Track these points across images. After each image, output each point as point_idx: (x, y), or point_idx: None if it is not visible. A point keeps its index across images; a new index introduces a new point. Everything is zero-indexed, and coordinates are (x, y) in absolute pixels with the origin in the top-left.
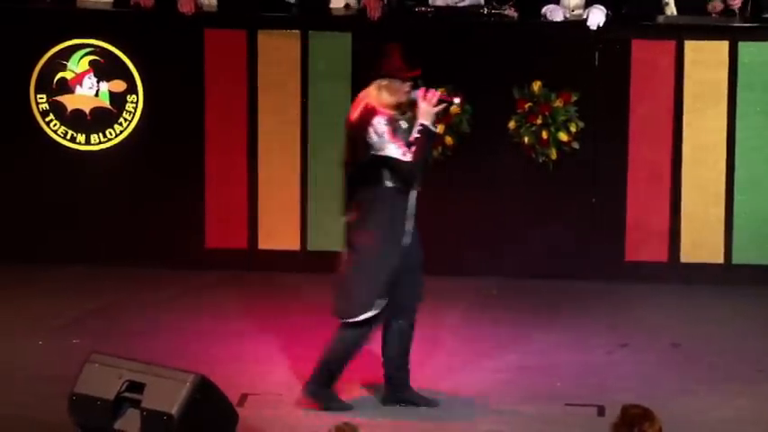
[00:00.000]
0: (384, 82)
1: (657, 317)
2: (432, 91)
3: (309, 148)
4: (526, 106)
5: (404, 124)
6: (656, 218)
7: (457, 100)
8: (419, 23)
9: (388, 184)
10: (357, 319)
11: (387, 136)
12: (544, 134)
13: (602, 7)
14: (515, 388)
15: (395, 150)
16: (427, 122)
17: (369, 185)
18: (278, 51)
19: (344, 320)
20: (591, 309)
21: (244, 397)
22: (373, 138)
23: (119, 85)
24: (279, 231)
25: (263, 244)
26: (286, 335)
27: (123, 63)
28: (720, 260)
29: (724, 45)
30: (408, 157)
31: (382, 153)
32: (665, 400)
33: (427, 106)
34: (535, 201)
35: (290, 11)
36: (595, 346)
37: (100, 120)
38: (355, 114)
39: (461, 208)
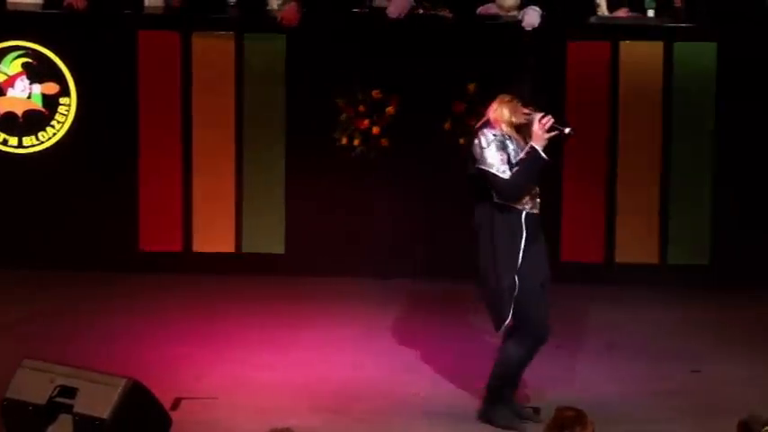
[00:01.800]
0: (507, 98)
1: (592, 318)
2: (548, 117)
3: (244, 151)
4: (462, 107)
5: (512, 144)
6: (592, 218)
7: (568, 129)
8: (355, 24)
9: (496, 199)
10: (498, 331)
11: (490, 150)
12: None
13: (537, 8)
14: (452, 389)
15: (494, 166)
16: (537, 146)
17: (479, 199)
18: (212, 53)
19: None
20: None
21: (177, 401)
22: (477, 149)
23: (51, 88)
24: (213, 234)
25: (198, 246)
26: (220, 338)
27: (56, 65)
28: (655, 261)
29: (659, 46)
30: (506, 175)
31: (483, 167)
32: (600, 401)
33: (540, 131)
34: (471, 202)
35: (225, 12)
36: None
37: (32, 122)
38: (477, 125)
39: (397, 209)
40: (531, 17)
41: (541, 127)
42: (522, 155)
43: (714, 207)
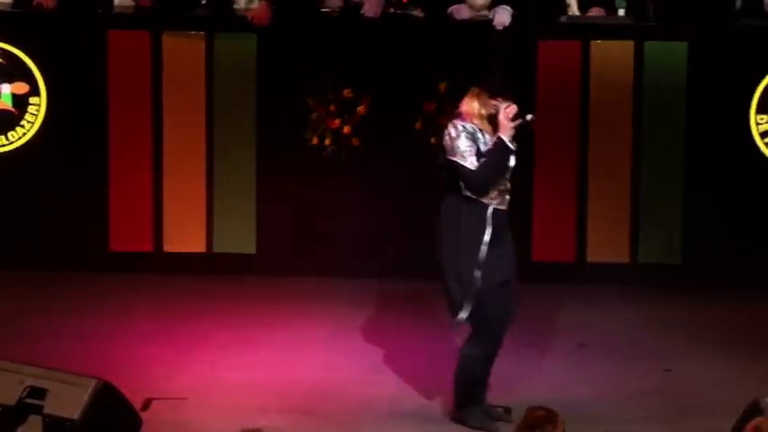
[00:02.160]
0: (476, 90)
1: (564, 317)
2: (511, 106)
3: (215, 151)
4: (433, 107)
5: (483, 137)
6: (563, 218)
7: (529, 117)
8: (326, 24)
9: (464, 191)
10: (456, 321)
11: (460, 141)
12: None
13: (507, 7)
14: (423, 389)
15: (462, 157)
16: (504, 136)
17: (448, 190)
18: (183, 53)
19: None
20: None
21: (148, 401)
22: (447, 140)
23: (21, 87)
24: (184, 234)
25: (169, 246)
26: (191, 338)
27: (25, 65)
28: (627, 260)
29: (629, 45)
30: (472, 165)
31: (452, 157)
32: (572, 400)
33: (505, 120)
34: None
35: (196, 11)
36: (502, 347)
37: (2, 122)
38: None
39: (369, 209)
40: (502, 16)
41: (506, 116)
42: (489, 146)
43: (685, 206)
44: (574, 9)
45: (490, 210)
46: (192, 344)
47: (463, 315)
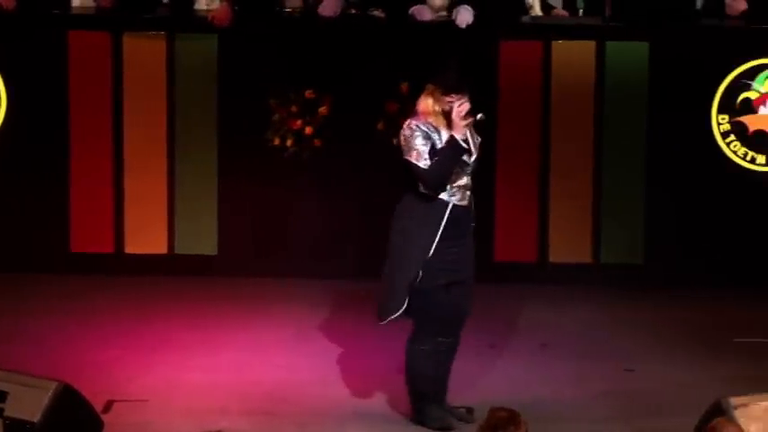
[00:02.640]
0: (431, 88)
1: (526, 317)
2: (464, 104)
3: (176, 151)
4: (395, 107)
5: (439, 135)
6: (525, 218)
7: (479, 115)
8: (288, 24)
9: (421, 189)
10: (382, 323)
11: (414, 140)
12: None
13: (468, 7)
14: (385, 389)
15: (416, 156)
16: (456, 134)
17: (407, 188)
18: (143, 53)
19: (379, 321)
20: None
21: (109, 403)
22: (402, 139)
23: None
24: (145, 235)
25: (130, 248)
26: (153, 340)
27: None
28: (589, 260)
29: (590, 45)
30: (425, 164)
31: (406, 156)
32: (534, 400)
33: (457, 118)
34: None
35: (155, 12)
36: (464, 348)
37: None
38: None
39: (330, 210)
40: (465, 15)
41: (457, 114)
42: (442, 144)
43: (647, 207)
44: (537, 10)
45: (449, 206)
46: (154, 345)
47: (394, 315)
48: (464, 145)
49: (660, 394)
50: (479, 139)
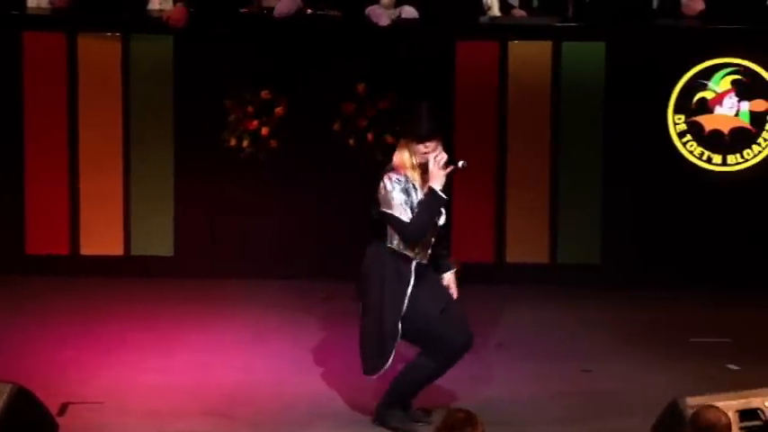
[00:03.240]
0: (405, 141)
1: (483, 318)
2: (441, 155)
3: (132, 153)
4: (351, 108)
5: (416, 191)
6: (482, 219)
7: (461, 163)
8: (244, 25)
9: (393, 243)
10: (372, 377)
11: (394, 194)
12: (369, 136)
13: (411, 8)
14: (344, 390)
15: (398, 209)
16: (435, 186)
17: (375, 241)
18: (98, 54)
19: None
20: None
21: (65, 406)
22: (381, 192)
23: None
24: (101, 236)
25: (86, 249)
26: (109, 341)
27: None
28: (546, 260)
29: (547, 46)
30: (407, 217)
31: (386, 209)
32: (491, 401)
33: (436, 169)
34: (361, 202)
35: (110, 12)
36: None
37: None
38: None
39: (287, 210)
40: (408, 12)
41: (436, 165)
42: (421, 197)
43: (604, 207)
44: (495, 11)
45: (413, 264)
46: (110, 347)
47: (384, 368)
48: (444, 196)
49: (617, 394)
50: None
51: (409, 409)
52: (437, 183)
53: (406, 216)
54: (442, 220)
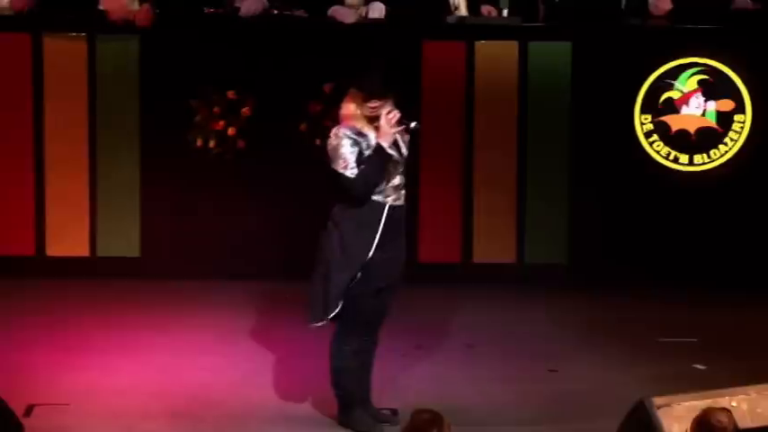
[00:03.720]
0: (353, 92)
1: (451, 318)
2: (393, 112)
3: (98, 153)
4: (318, 108)
5: (366, 140)
6: (449, 219)
7: (413, 124)
8: (209, 25)
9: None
10: (314, 325)
11: (341, 150)
12: None
13: (380, 4)
14: (310, 392)
15: (342, 164)
16: (383, 143)
17: (337, 197)
18: (64, 55)
19: (309, 325)
20: None
21: (30, 407)
22: (329, 148)
23: None
24: (67, 237)
25: (52, 250)
26: (74, 343)
27: None
28: (513, 260)
29: (513, 46)
30: (352, 173)
31: (333, 166)
32: (460, 401)
33: (387, 126)
34: (330, 203)
35: (75, 13)
36: (389, 349)
37: None
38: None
39: (254, 211)
40: (375, 12)
41: (387, 122)
42: (369, 152)
43: (571, 206)
44: (462, 10)
45: (386, 207)
46: (75, 349)
47: (325, 319)
48: (391, 152)
49: (584, 394)
50: (408, 136)
51: (369, 405)
52: (385, 140)
53: (351, 172)
54: (404, 153)
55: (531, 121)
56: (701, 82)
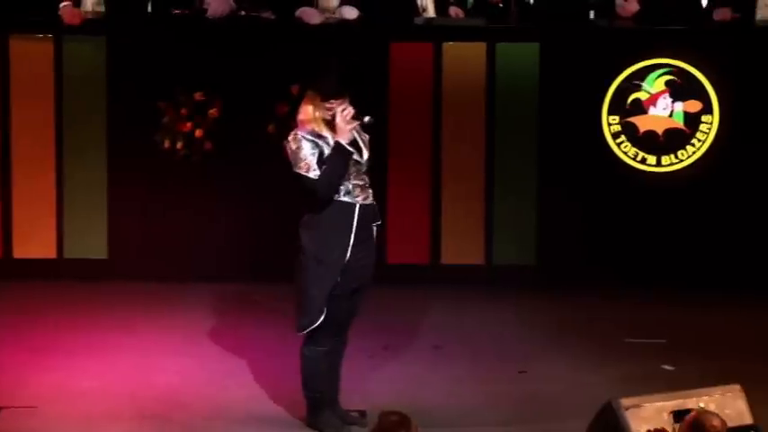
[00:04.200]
0: (311, 94)
1: (419, 319)
2: (348, 109)
3: (65, 155)
4: (285, 109)
5: (324, 142)
6: (417, 220)
7: (367, 118)
8: (177, 26)
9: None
10: (301, 333)
11: (301, 153)
12: None
13: (353, 7)
14: (279, 393)
15: (305, 166)
16: (342, 140)
17: (305, 202)
18: (31, 55)
19: (299, 332)
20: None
21: None
22: (288, 152)
23: None
24: (34, 239)
25: (19, 252)
26: (42, 345)
27: None
28: (481, 261)
29: (481, 47)
30: (315, 174)
31: (295, 169)
32: (428, 403)
33: (342, 123)
34: (297, 205)
35: (42, 14)
36: (358, 350)
37: None
38: None
39: (222, 213)
40: (349, 13)
41: (342, 119)
42: (329, 152)
43: (539, 207)
44: (430, 12)
45: (357, 207)
46: (43, 351)
47: (315, 324)
48: (351, 149)
49: (553, 395)
50: (367, 136)
51: (337, 407)
52: (343, 136)
53: (314, 173)
54: (365, 156)
55: (499, 122)
56: (668, 83)
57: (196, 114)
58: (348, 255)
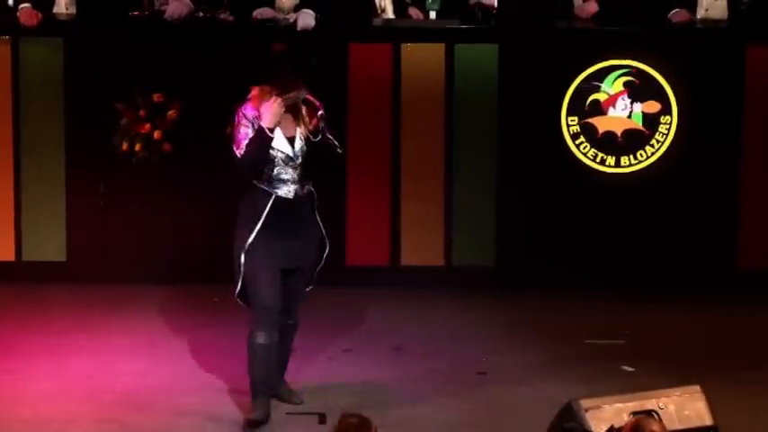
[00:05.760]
0: (269, 89)
1: (379, 321)
2: (278, 98)
3: (22, 157)
4: None
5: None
6: (376, 222)
7: (292, 94)
8: (135, 27)
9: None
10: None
11: (238, 129)
12: None
13: (310, 11)
14: (237, 396)
15: (236, 145)
16: (264, 122)
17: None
18: None
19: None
20: (313, 314)
21: None
22: (229, 129)
23: None
24: None
25: None
26: None
27: None
28: (441, 262)
29: (440, 48)
30: (239, 152)
31: (232, 144)
32: (389, 404)
33: (266, 107)
34: None
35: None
36: (317, 352)
37: None
38: None
39: (182, 214)
40: (305, 20)
41: (266, 107)
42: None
43: (498, 208)
44: (389, 13)
45: (272, 198)
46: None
47: (235, 293)
48: (271, 134)
49: (512, 397)
50: (321, 137)
51: (282, 386)
52: (265, 120)
53: (239, 151)
54: (296, 149)
55: (458, 123)
56: (627, 84)
57: (155, 116)
58: (249, 242)
